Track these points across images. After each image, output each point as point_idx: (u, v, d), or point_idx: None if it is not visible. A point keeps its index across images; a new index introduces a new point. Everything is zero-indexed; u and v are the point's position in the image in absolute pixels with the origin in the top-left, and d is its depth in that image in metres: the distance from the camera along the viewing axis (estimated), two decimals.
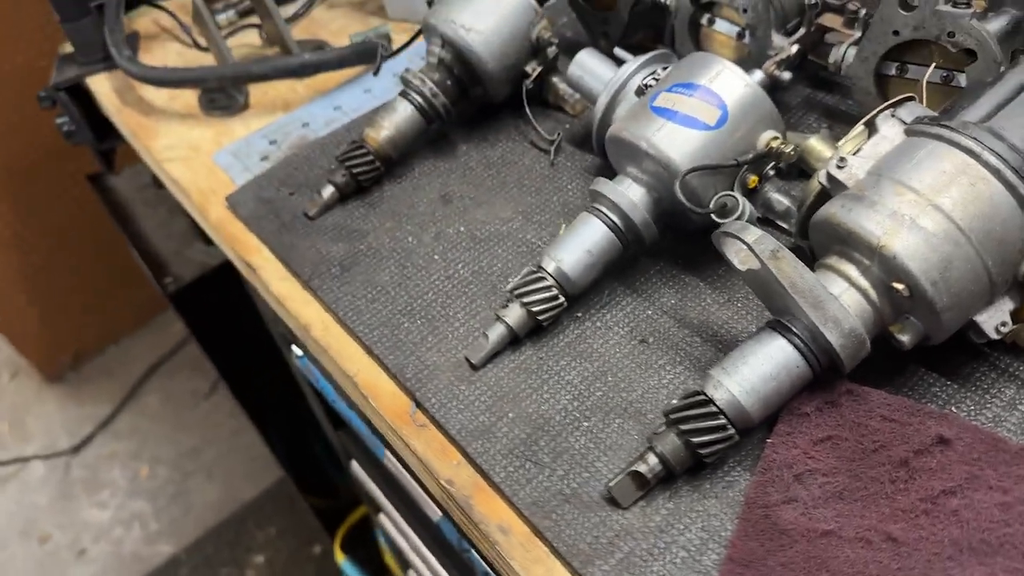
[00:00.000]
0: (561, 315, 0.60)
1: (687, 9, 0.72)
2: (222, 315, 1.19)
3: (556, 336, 0.59)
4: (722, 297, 0.60)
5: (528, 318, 0.58)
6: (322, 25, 1.04)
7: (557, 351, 0.59)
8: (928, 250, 0.45)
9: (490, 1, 0.73)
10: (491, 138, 0.79)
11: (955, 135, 0.46)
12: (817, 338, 0.47)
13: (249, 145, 0.86)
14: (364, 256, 0.70)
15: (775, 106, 0.57)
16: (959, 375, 0.51)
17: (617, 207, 0.58)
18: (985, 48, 0.54)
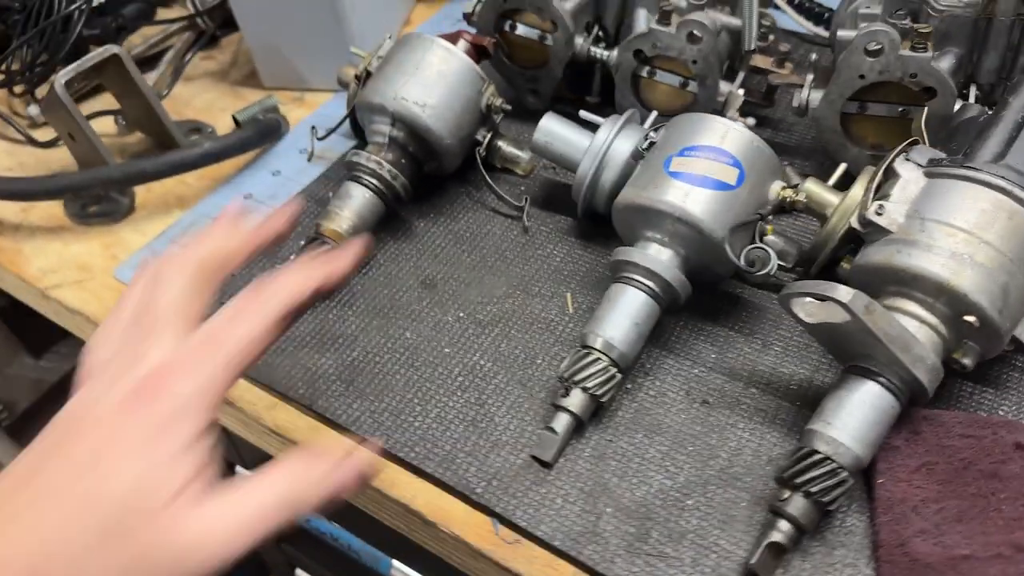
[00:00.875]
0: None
1: (630, 64, 0.73)
2: None
3: (615, 414, 0.58)
4: (756, 343, 0.62)
5: (590, 401, 0.56)
6: (184, 103, 0.93)
7: (623, 429, 0.57)
8: (990, 283, 0.50)
9: (437, 74, 0.70)
10: (447, 211, 0.75)
11: (984, 175, 0.51)
12: (905, 377, 0.50)
13: (156, 255, 0.74)
14: (363, 363, 0.63)
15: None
16: (989, 380, 0.58)
17: (653, 273, 0.58)
18: (944, 84, 0.61)
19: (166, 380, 0.39)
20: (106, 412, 0.38)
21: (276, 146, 0.85)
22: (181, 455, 0.37)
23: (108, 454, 0.37)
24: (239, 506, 0.38)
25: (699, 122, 0.60)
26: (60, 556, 0.35)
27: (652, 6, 0.73)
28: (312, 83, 0.91)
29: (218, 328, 0.41)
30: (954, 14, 0.61)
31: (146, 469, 0.37)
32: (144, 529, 0.36)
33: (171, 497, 0.37)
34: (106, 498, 0.36)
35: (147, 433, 0.37)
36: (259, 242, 0.47)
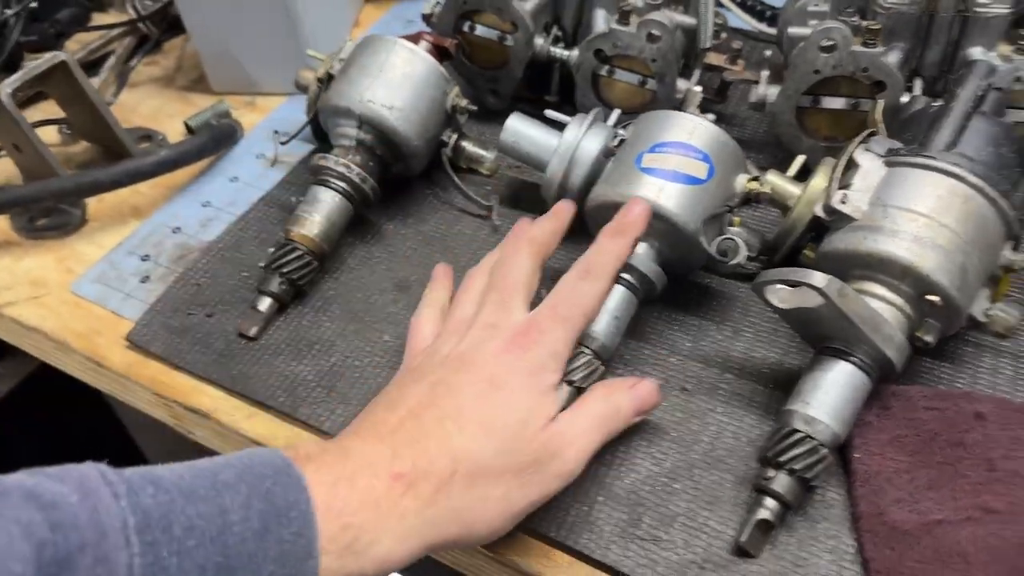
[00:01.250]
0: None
1: (590, 63, 0.74)
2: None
3: None
4: (727, 330, 0.64)
5: (576, 393, 0.57)
6: (131, 110, 0.91)
7: None
8: (949, 263, 0.53)
9: (402, 75, 0.70)
10: (415, 212, 0.75)
11: (940, 163, 0.55)
12: (875, 356, 0.53)
13: (115, 267, 0.73)
14: (343, 368, 0.63)
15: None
16: (947, 356, 0.61)
17: (630, 266, 0.59)
18: (893, 78, 0.64)
19: (534, 336, 0.51)
20: (492, 354, 0.50)
21: (231, 152, 0.84)
22: (552, 391, 0.51)
23: (504, 385, 0.49)
24: (579, 422, 0.51)
25: (667, 119, 0.62)
26: (471, 463, 0.46)
27: (610, 6, 0.74)
28: (264, 87, 0.90)
29: (564, 300, 0.53)
30: (900, 11, 0.65)
31: (533, 400, 0.49)
32: (533, 441, 0.48)
33: (548, 421, 0.49)
34: (506, 419, 0.48)
35: (528, 372, 0.50)
36: (566, 226, 0.60)
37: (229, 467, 0.42)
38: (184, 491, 0.39)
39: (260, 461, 0.43)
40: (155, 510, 0.38)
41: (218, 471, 0.41)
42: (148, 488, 0.39)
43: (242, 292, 0.69)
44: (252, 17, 0.83)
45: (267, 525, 0.40)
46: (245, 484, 0.41)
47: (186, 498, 0.39)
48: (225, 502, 0.40)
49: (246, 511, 0.40)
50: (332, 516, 0.42)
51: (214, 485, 0.40)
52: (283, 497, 0.41)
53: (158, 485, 0.39)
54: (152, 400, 0.66)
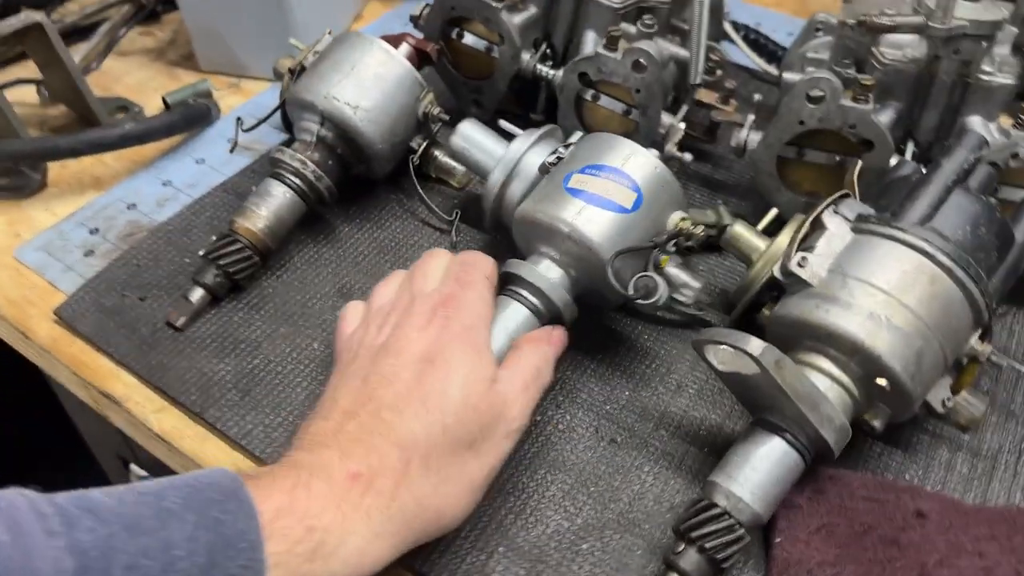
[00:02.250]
0: None
1: (574, 86, 0.71)
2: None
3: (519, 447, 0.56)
4: (671, 384, 0.60)
5: None
6: (115, 79, 0.89)
7: (526, 464, 0.55)
8: (904, 347, 0.49)
9: (374, 76, 0.67)
10: (375, 217, 0.72)
11: (909, 237, 0.50)
12: (812, 436, 0.49)
13: (63, 236, 0.71)
14: (264, 373, 0.60)
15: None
16: (900, 443, 0.57)
17: (538, 289, 0.56)
18: (881, 139, 0.60)
19: (451, 303, 0.51)
20: (418, 329, 0.49)
21: (204, 133, 0.81)
22: (486, 349, 0.50)
23: (437, 358, 0.48)
24: (517, 378, 0.50)
25: (606, 142, 0.59)
26: (422, 448, 0.45)
27: (601, 29, 0.71)
28: (250, 70, 0.88)
29: (464, 266, 0.54)
30: (898, 68, 0.61)
31: (470, 363, 0.48)
32: (479, 406, 0.47)
33: (491, 379, 0.49)
34: (447, 392, 0.47)
35: (458, 337, 0.49)
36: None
37: (175, 490, 0.39)
38: (126, 522, 0.36)
39: (208, 483, 0.40)
40: (93, 548, 0.35)
41: (163, 495, 0.39)
42: (86, 520, 0.35)
43: (180, 279, 0.66)
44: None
45: (214, 559, 0.37)
46: (192, 512, 0.38)
47: (128, 531, 0.36)
48: (171, 535, 0.37)
49: (192, 544, 0.37)
50: (295, 520, 0.40)
51: (158, 513, 0.37)
52: (232, 526, 0.38)
53: (97, 515, 0.36)
54: (72, 379, 0.63)
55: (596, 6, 0.70)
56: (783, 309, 0.53)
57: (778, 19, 0.97)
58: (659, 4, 0.71)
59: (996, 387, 0.60)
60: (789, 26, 0.95)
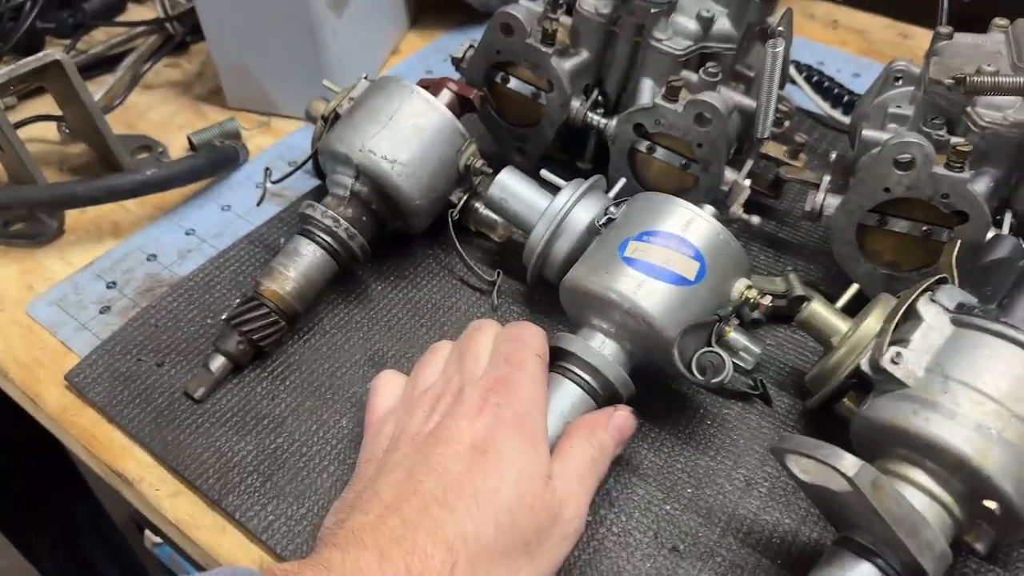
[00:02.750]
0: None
1: (628, 137, 0.65)
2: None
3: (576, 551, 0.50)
4: (739, 480, 0.54)
5: None
6: (139, 114, 0.85)
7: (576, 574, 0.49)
8: (1018, 466, 0.42)
9: (412, 127, 0.62)
10: (410, 275, 0.67)
11: (1022, 336, 0.44)
12: (907, 562, 0.43)
13: (78, 290, 0.67)
14: (287, 455, 0.55)
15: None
16: (999, 560, 0.50)
17: (592, 367, 0.51)
18: (978, 210, 0.54)
19: (502, 389, 0.47)
20: (469, 418, 0.45)
21: (231, 177, 0.77)
22: (542, 440, 0.46)
23: (490, 449, 0.44)
24: (570, 471, 0.46)
25: (663, 204, 0.53)
26: (472, 547, 0.40)
27: (660, 77, 0.65)
28: (281, 109, 0.83)
29: (513, 346, 0.49)
30: (998, 132, 0.54)
31: (526, 456, 0.44)
32: (535, 505, 0.43)
33: (548, 477, 0.44)
34: (501, 487, 0.43)
35: (513, 426, 0.45)
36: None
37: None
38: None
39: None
40: None
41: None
42: None
43: (200, 343, 0.61)
44: (274, 33, 0.76)
45: None
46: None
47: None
48: None
49: None
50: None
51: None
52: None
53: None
54: (84, 452, 0.59)
55: (655, 52, 0.64)
56: (873, 411, 0.47)
57: (841, 57, 0.91)
58: (724, 51, 0.65)
59: None
60: (853, 66, 0.89)
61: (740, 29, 0.65)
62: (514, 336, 0.50)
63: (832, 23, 0.96)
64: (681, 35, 0.64)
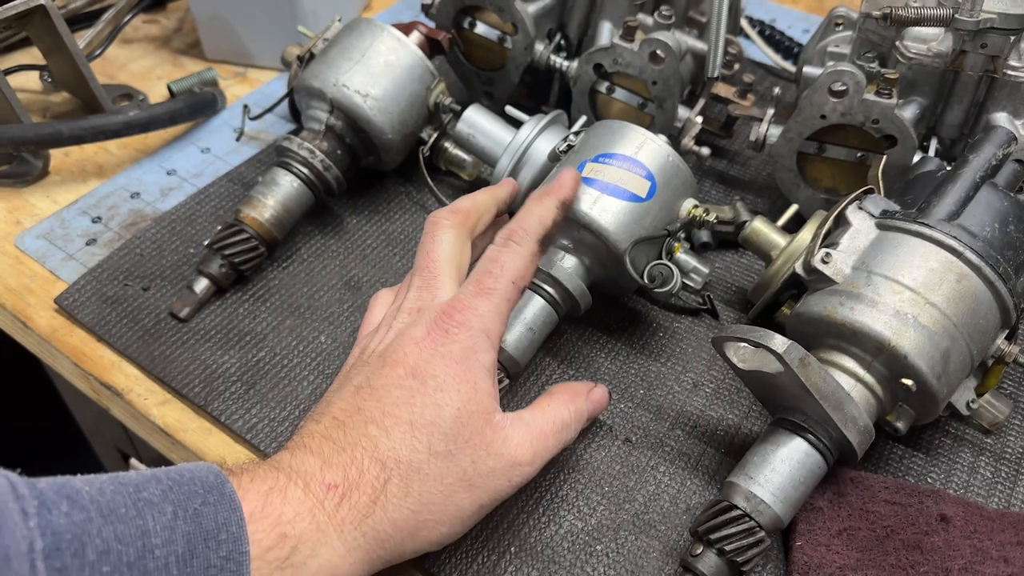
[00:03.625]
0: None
1: (589, 77, 0.70)
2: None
3: None
4: (687, 382, 0.59)
5: None
6: (119, 66, 0.87)
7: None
8: (931, 347, 0.47)
9: (384, 64, 0.66)
10: (383, 210, 0.71)
11: (936, 233, 0.49)
12: (835, 436, 0.48)
13: (65, 225, 0.70)
14: (269, 366, 0.59)
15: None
16: (922, 446, 0.55)
17: (553, 278, 0.55)
18: (905, 134, 0.59)
19: (458, 317, 0.46)
20: (414, 342, 0.46)
21: (209, 122, 0.80)
22: (487, 378, 0.46)
23: (429, 377, 0.44)
24: (537, 425, 0.47)
25: (618, 130, 0.58)
26: (404, 468, 0.42)
27: (618, 20, 0.70)
28: (257, 60, 0.86)
29: (486, 272, 0.48)
30: (922, 63, 0.59)
31: (466, 390, 0.44)
32: (474, 439, 0.44)
33: (490, 414, 0.45)
34: (437, 416, 0.43)
35: (455, 359, 0.45)
36: (501, 200, 0.56)
37: (156, 482, 0.38)
38: (103, 509, 0.35)
39: (191, 477, 0.39)
40: (68, 530, 0.34)
41: (143, 486, 0.37)
42: (63, 504, 0.35)
43: (184, 269, 0.65)
44: None
45: (193, 549, 0.36)
46: (171, 503, 0.37)
47: (104, 517, 0.35)
48: (147, 523, 0.36)
49: (171, 533, 0.36)
50: (268, 525, 0.39)
51: (136, 503, 0.36)
52: (213, 518, 0.37)
53: (74, 501, 0.35)
54: (73, 370, 0.62)
55: None
56: (805, 306, 0.52)
57: (793, 15, 0.96)
58: None
59: (1020, 389, 0.58)
60: (804, 23, 0.94)
61: None
62: (495, 257, 0.49)
63: None
64: None
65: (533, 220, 0.50)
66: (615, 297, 0.63)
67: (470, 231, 0.52)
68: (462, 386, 0.44)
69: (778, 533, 0.50)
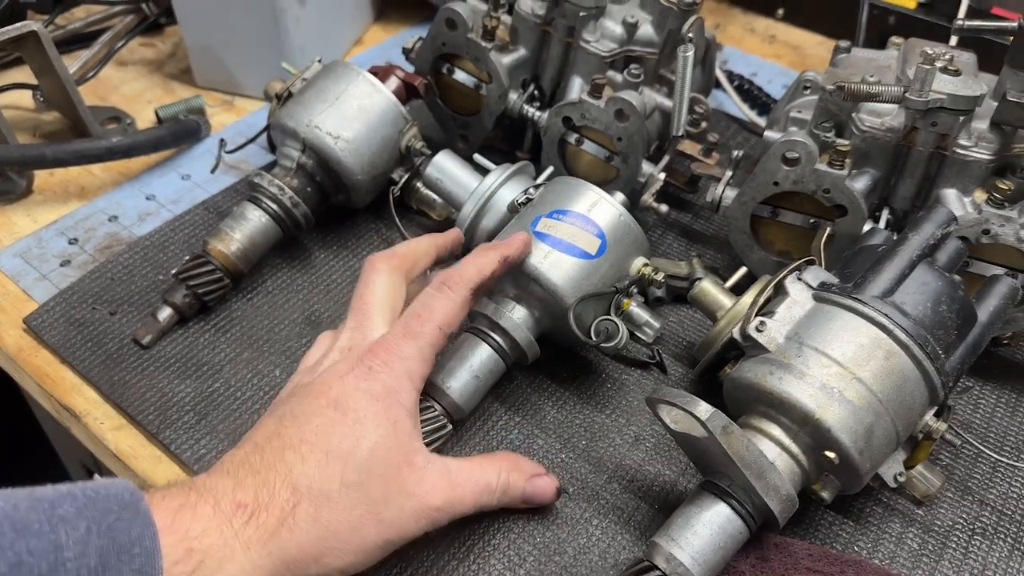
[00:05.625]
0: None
1: (558, 129, 0.71)
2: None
3: None
4: (629, 436, 0.60)
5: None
6: (112, 88, 0.90)
7: None
8: (855, 422, 0.48)
9: (357, 107, 0.68)
10: (351, 246, 0.73)
11: (868, 310, 0.50)
12: (757, 503, 0.49)
13: (42, 244, 0.72)
14: (222, 398, 0.60)
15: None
16: (852, 514, 0.56)
17: (501, 328, 0.57)
18: (855, 205, 0.60)
19: (383, 356, 0.48)
20: (337, 376, 0.47)
21: (193, 149, 0.82)
22: (407, 418, 0.47)
23: (349, 411, 0.46)
24: (456, 478, 0.48)
25: (574, 188, 0.60)
26: (315, 495, 0.43)
27: (588, 75, 0.71)
28: (244, 89, 0.88)
29: (415, 315, 0.50)
30: (875, 136, 0.61)
31: (384, 427, 0.46)
32: (387, 475, 0.45)
33: (409, 453, 0.46)
34: (353, 448, 0.45)
35: (375, 396, 0.46)
36: (441, 246, 0.58)
37: (72, 499, 0.39)
38: (15, 524, 0.37)
39: (106, 495, 0.40)
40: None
41: (57, 503, 0.39)
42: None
43: (151, 295, 0.67)
44: (241, 17, 0.82)
45: (106, 562, 0.38)
46: (85, 519, 0.38)
47: (16, 532, 0.36)
48: (60, 537, 0.37)
49: (83, 547, 0.37)
50: (176, 540, 0.40)
51: (50, 519, 0.38)
52: (126, 533, 0.39)
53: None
54: (36, 389, 0.64)
55: (584, 53, 0.70)
56: (739, 372, 0.53)
57: (775, 70, 0.97)
58: (647, 55, 0.72)
59: (956, 462, 0.59)
60: (784, 78, 0.96)
61: (662, 35, 0.71)
62: (426, 302, 0.51)
63: (770, 38, 1.03)
64: (608, 38, 0.71)
65: (472, 269, 0.52)
66: (568, 348, 0.64)
67: (405, 274, 0.54)
68: (381, 422, 0.46)
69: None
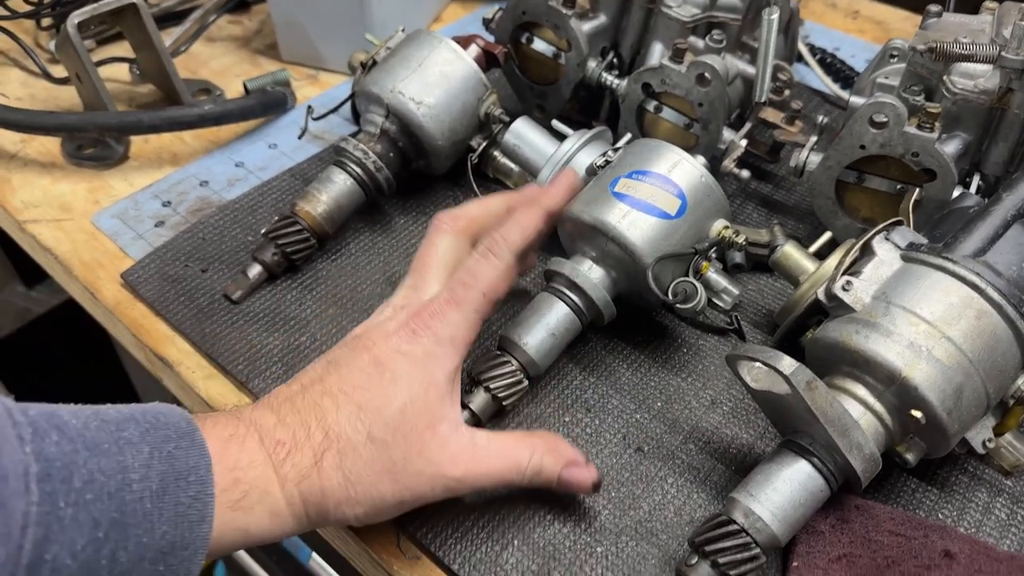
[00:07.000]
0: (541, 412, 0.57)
1: (636, 96, 0.71)
2: (55, 377, 1.02)
3: None
4: (705, 399, 0.60)
5: (492, 403, 0.55)
6: (202, 63, 0.93)
7: None
8: (944, 381, 0.47)
9: (439, 74, 0.69)
10: (430, 211, 0.74)
11: (959, 269, 0.49)
12: (839, 462, 0.48)
13: (138, 206, 0.75)
14: (309, 350, 0.62)
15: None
16: (937, 481, 0.55)
17: (579, 288, 0.57)
18: (945, 170, 0.59)
19: (426, 320, 0.48)
20: (383, 335, 0.48)
21: (279, 120, 0.85)
22: (444, 384, 0.48)
23: (388, 370, 0.47)
24: (481, 450, 0.48)
25: (654, 149, 0.59)
26: (343, 443, 0.45)
27: (669, 41, 0.71)
28: (329, 63, 0.91)
29: (460, 282, 0.50)
30: (967, 99, 0.59)
31: (417, 390, 0.47)
32: (411, 437, 0.46)
33: (436, 419, 0.47)
34: (384, 406, 0.46)
35: (415, 359, 0.47)
36: (496, 208, 0.56)
37: (135, 424, 0.42)
38: (88, 443, 0.39)
39: (165, 422, 0.43)
40: (58, 459, 0.38)
41: (123, 426, 0.41)
42: (53, 434, 0.39)
43: (241, 255, 0.69)
44: None
45: (166, 487, 0.40)
46: (148, 444, 0.41)
47: (89, 450, 0.39)
48: (127, 459, 0.40)
49: (146, 470, 0.40)
50: (225, 469, 0.43)
51: (117, 441, 0.40)
52: (184, 461, 0.41)
53: (63, 432, 0.39)
54: (132, 340, 0.67)
55: (665, 18, 0.70)
56: (823, 332, 0.52)
57: (858, 45, 0.95)
58: (730, 20, 0.71)
59: None
60: (868, 53, 0.93)
61: (745, 1, 0.70)
62: (472, 268, 0.51)
63: (853, 13, 1.00)
64: (690, 3, 0.70)
65: (516, 232, 0.52)
66: (643, 310, 0.64)
67: (471, 238, 0.54)
68: (414, 385, 0.47)
69: (776, 552, 0.50)
